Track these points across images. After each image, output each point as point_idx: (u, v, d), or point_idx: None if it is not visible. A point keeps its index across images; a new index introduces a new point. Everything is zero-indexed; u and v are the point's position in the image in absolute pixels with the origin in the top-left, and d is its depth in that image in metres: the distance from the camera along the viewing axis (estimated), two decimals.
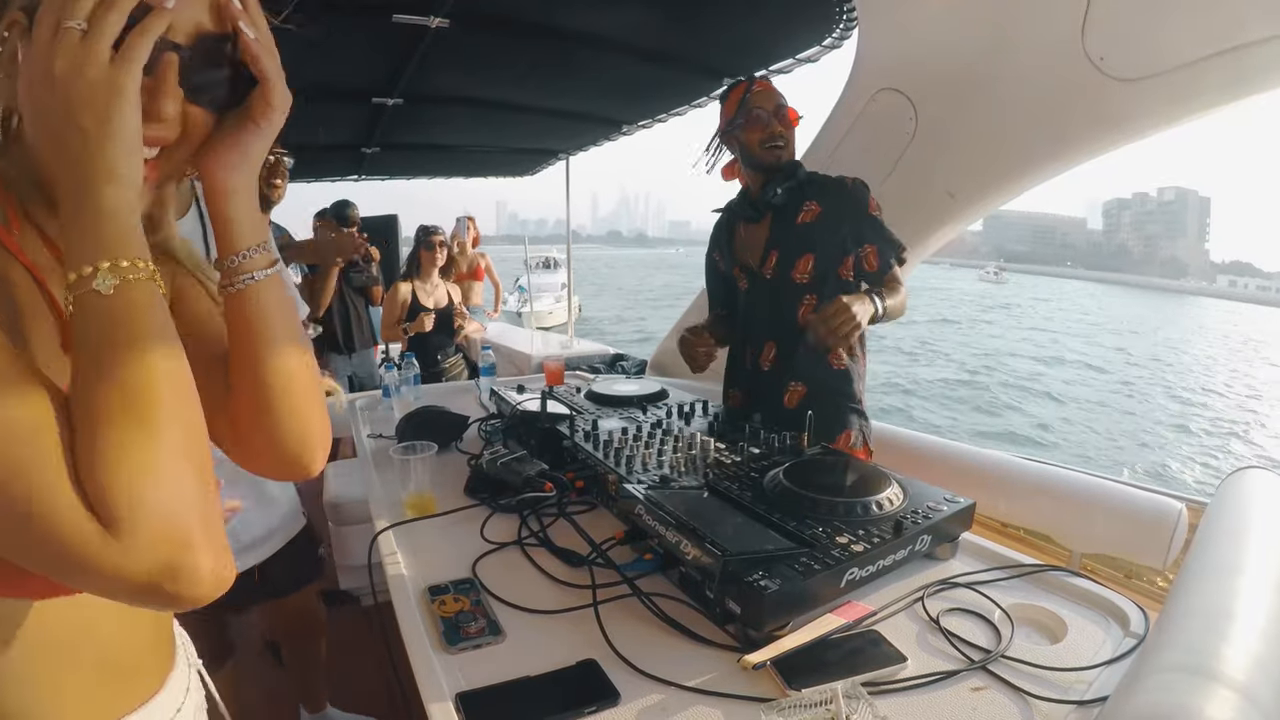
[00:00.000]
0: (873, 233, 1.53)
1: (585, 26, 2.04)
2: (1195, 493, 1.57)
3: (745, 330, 1.68)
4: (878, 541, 0.90)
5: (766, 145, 1.54)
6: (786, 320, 1.57)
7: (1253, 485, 1.05)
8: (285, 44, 0.55)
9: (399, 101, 2.67)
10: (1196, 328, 36.61)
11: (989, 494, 1.62)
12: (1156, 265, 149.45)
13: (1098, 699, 0.71)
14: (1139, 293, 75.52)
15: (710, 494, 1.05)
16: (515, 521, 1.15)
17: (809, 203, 1.55)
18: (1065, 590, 0.94)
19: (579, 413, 1.52)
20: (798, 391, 1.58)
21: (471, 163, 4.54)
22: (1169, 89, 1.39)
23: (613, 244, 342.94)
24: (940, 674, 0.76)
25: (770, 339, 1.61)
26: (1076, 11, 1.44)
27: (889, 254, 1.54)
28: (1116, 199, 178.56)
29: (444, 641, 0.81)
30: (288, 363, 0.56)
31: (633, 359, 3.75)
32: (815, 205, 1.55)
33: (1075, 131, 1.62)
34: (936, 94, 1.85)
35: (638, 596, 0.91)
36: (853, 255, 1.53)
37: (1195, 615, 0.70)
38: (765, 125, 1.53)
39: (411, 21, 1.85)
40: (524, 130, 3.53)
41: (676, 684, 0.75)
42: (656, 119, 3.17)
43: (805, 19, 1.99)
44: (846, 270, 1.54)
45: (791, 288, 1.56)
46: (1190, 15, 1.31)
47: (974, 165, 1.84)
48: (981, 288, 54.38)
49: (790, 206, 1.57)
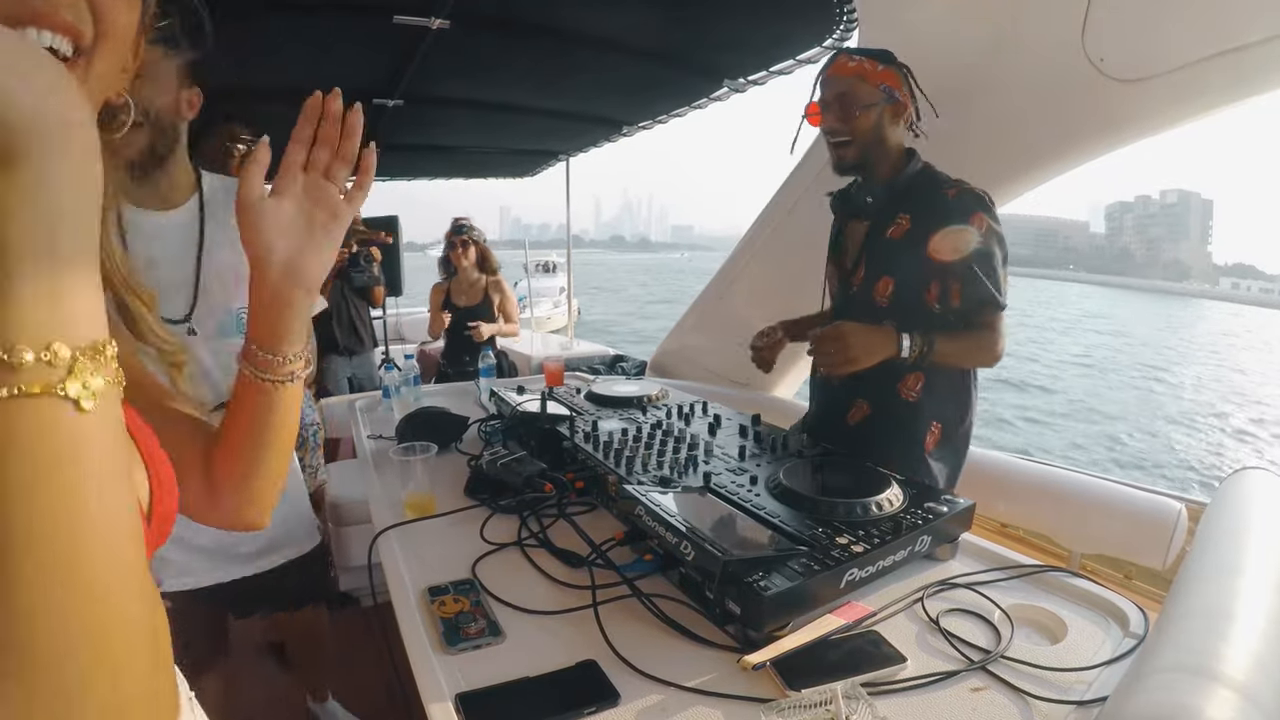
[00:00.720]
0: (963, 266, 1.26)
1: (585, 27, 2.05)
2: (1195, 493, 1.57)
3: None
4: (877, 542, 0.90)
5: (829, 140, 1.36)
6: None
7: (1252, 485, 1.05)
8: (285, 44, 0.56)
9: (399, 102, 2.67)
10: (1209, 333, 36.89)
11: (989, 495, 1.62)
12: (1159, 268, 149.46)
13: (1097, 699, 0.71)
14: (1140, 296, 75.65)
15: (710, 494, 1.05)
16: (515, 522, 1.15)
17: (902, 215, 1.33)
18: (1065, 591, 0.94)
19: (579, 413, 1.52)
20: (861, 410, 1.41)
21: (472, 164, 4.54)
22: (1169, 90, 1.40)
23: (615, 248, 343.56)
24: (940, 674, 0.76)
25: None
26: (1077, 12, 1.44)
27: (980, 294, 1.27)
28: (1119, 201, 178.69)
29: (444, 642, 0.81)
30: (289, 447, 0.60)
31: (632, 360, 3.75)
32: (906, 219, 1.32)
33: (1076, 132, 1.62)
34: (937, 94, 1.85)
35: (637, 597, 0.91)
36: (937, 283, 1.30)
37: (1195, 615, 0.70)
38: (822, 117, 1.35)
39: (412, 23, 1.85)
40: (524, 131, 3.53)
41: (676, 684, 0.75)
42: (657, 120, 3.17)
43: (805, 19, 1.99)
44: (932, 299, 1.32)
45: (870, 308, 1.36)
46: (1190, 16, 1.31)
47: (974, 166, 1.83)
48: None
49: (885, 214, 1.35)
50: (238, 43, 1.97)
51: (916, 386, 1.34)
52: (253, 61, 2.13)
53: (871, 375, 1.28)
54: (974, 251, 1.26)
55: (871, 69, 1.32)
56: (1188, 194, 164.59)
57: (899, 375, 1.34)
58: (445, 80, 2.50)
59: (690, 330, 2.85)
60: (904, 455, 1.34)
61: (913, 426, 1.37)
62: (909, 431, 1.37)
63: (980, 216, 1.27)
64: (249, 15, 1.77)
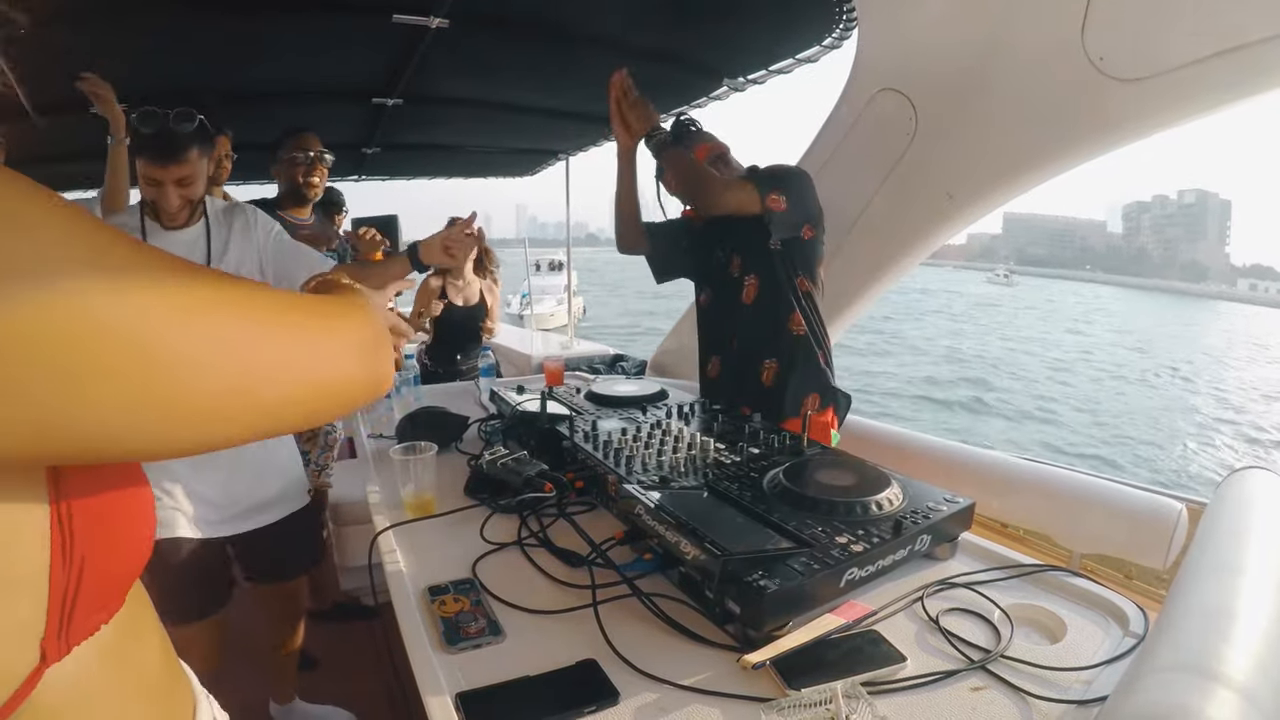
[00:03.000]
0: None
1: (585, 26, 2.04)
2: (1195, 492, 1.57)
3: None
4: (877, 541, 0.90)
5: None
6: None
7: (1253, 485, 1.05)
8: (283, 44, 0.56)
9: (399, 102, 2.66)
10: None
11: (988, 494, 1.62)
12: (1176, 269, 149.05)
13: (1097, 699, 0.71)
14: (1156, 297, 75.30)
15: (710, 494, 1.05)
16: (515, 522, 1.15)
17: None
18: (1065, 590, 0.94)
19: (579, 413, 1.52)
20: (772, 368, 1.67)
21: (472, 163, 4.53)
22: (1169, 89, 1.39)
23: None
24: (940, 674, 0.76)
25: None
26: (1076, 12, 1.44)
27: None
28: (1136, 201, 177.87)
29: (444, 641, 0.81)
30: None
31: (633, 360, 3.75)
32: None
33: (1075, 132, 1.61)
34: (936, 94, 1.85)
35: (637, 596, 0.91)
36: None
37: (1195, 615, 0.70)
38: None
39: (411, 22, 1.85)
40: (524, 131, 3.52)
41: (676, 684, 0.75)
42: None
43: (805, 19, 1.99)
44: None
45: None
46: (1190, 15, 1.31)
47: (974, 166, 1.84)
48: (985, 290, 54.26)
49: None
50: (236, 42, 1.97)
51: (800, 322, 1.65)
52: (251, 61, 2.13)
53: (768, 335, 1.67)
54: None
55: (699, 152, 1.71)
56: (1205, 194, 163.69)
57: (788, 317, 1.65)
58: (444, 79, 2.50)
59: (690, 331, 2.84)
60: (814, 375, 1.67)
61: (809, 351, 1.66)
62: (808, 355, 1.67)
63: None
64: (247, 15, 1.77)
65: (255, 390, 0.38)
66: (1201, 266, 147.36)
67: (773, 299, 1.66)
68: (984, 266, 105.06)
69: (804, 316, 1.66)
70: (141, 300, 0.32)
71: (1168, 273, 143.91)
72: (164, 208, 1.38)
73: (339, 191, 3.55)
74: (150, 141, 1.32)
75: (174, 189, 1.36)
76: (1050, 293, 61.15)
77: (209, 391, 0.35)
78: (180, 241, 1.44)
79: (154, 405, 0.33)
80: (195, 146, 1.36)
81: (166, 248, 1.33)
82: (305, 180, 2.21)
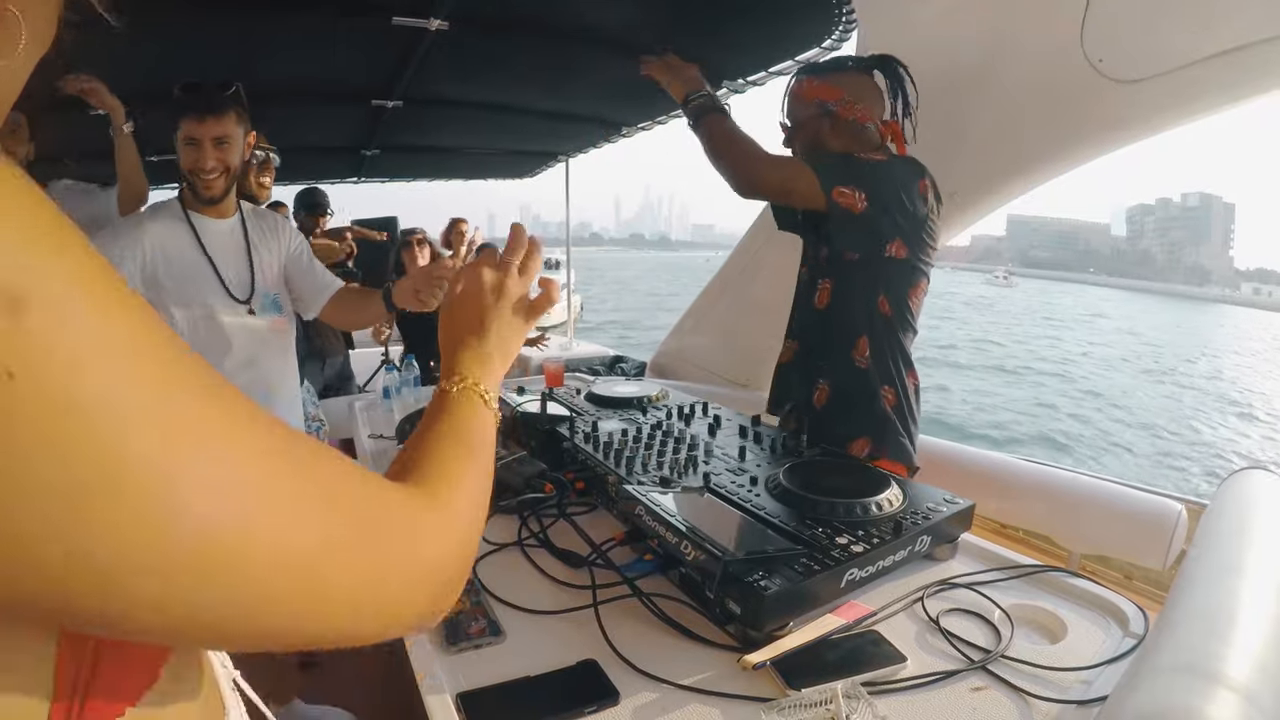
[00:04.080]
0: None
1: (585, 27, 2.05)
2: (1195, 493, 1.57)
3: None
4: (877, 542, 0.90)
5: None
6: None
7: (1253, 486, 1.05)
8: (283, 45, 0.56)
9: (398, 104, 2.67)
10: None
11: (988, 495, 1.62)
12: (1180, 272, 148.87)
13: (1097, 699, 0.71)
14: (1160, 300, 74.98)
15: (710, 494, 1.05)
16: (515, 522, 1.15)
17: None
18: (1065, 591, 0.94)
19: (579, 414, 1.52)
20: (824, 392, 1.44)
21: (471, 165, 4.53)
22: (1168, 90, 1.40)
23: (634, 246, 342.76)
24: (940, 674, 0.76)
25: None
26: (1076, 13, 1.44)
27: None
28: (1140, 204, 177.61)
29: (444, 641, 0.81)
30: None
31: (632, 361, 3.75)
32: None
33: (1075, 133, 1.62)
34: (936, 95, 1.85)
35: (638, 597, 0.91)
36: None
37: (1195, 616, 0.70)
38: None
39: (410, 24, 1.85)
40: (524, 132, 3.53)
41: (676, 684, 0.75)
42: (656, 120, 3.17)
43: (805, 19, 1.99)
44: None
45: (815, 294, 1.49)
46: (1190, 16, 1.31)
47: (973, 166, 1.84)
48: (982, 291, 54.20)
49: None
50: (235, 44, 1.97)
51: (866, 352, 1.38)
52: (250, 63, 2.13)
53: (827, 352, 1.43)
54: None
55: (808, 86, 1.44)
56: (1209, 197, 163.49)
57: (851, 343, 1.38)
58: (444, 81, 2.50)
59: (690, 331, 2.85)
60: (868, 419, 1.39)
61: (870, 390, 1.39)
62: (868, 395, 1.40)
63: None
64: (247, 17, 1.78)
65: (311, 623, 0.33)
66: (1205, 270, 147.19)
67: (841, 314, 1.39)
68: (984, 268, 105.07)
69: (871, 346, 1.37)
70: (241, 506, 0.27)
71: (1171, 276, 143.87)
72: (200, 171, 1.42)
73: (323, 193, 3.54)
74: (190, 100, 1.38)
75: (211, 148, 1.40)
76: (1050, 294, 61.10)
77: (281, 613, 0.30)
78: (221, 231, 1.54)
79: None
80: (233, 109, 1.42)
81: (210, 237, 1.50)
82: (256, 181, 2.19)
